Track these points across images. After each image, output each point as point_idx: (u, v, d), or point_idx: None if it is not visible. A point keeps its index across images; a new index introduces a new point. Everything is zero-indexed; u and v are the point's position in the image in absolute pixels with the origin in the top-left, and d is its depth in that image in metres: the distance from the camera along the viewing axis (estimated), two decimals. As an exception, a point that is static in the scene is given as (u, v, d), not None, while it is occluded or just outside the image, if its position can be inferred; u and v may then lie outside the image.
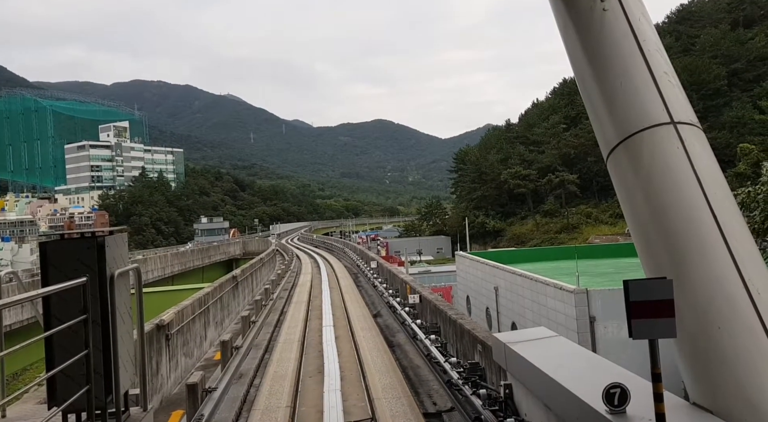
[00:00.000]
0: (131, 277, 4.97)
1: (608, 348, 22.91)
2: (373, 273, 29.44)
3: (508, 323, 32.45)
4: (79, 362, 4.07)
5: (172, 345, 10.38)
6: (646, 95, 4.56)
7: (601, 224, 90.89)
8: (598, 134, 4.97)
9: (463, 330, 9.50)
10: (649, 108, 4.50)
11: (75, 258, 4.34)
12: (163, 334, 9.87)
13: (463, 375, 7.57)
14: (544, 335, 5.96)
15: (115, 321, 4.42)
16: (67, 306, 4.16)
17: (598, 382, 4.26)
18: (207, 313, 13.77)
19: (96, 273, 4.35)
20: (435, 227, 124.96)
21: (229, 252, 71.30)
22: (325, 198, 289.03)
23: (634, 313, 3.38)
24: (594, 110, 4.98)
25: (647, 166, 4.35)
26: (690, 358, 3.97)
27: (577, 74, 5.23)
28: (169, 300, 29.59)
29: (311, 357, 12.71)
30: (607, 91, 4.81)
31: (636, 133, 4.50)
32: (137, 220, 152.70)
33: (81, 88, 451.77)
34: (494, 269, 34.69)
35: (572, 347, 5.70)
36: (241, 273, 20.59)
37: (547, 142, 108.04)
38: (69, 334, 4.08)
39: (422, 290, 15.31)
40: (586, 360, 5.27)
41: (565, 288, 24.75)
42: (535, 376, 5.15)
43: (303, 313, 19.33)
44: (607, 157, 4.82)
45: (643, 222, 4.38)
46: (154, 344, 9.39)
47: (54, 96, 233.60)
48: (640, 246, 4.48)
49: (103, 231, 4.53)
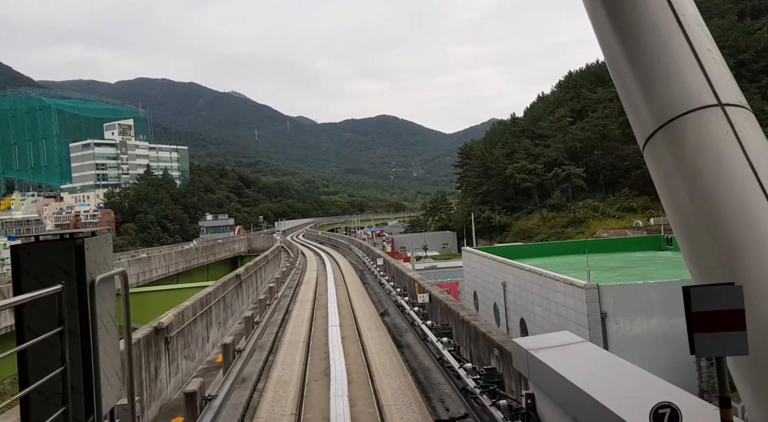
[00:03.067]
0: (117, 282, 4.51)
1: (620, 344, 22.50)
2: (379, 271, 28.94)
3: (516, 319, 32.02)
4: (55, 379, 3.62)
5: (171, 349, 9.94)
6: (689, 75, 4.04)
7: (608, 218, 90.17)
8: (633, 120, 4.44)
9: (477, 333, 9.00)
10: (693, 89, 3.98)
11: (51, 263, 3.87)
12: (161, 338, 9.42)
13: (480, 383, 7.09)
14: (569, 340, 5.47)
15: (96, 331, 3.96)
16: (42, 317, 3.71)
17: (637, 397, 3.78)
18: (209, 314, 13.32)
19: (74, 279, 3.89)
20: (440, 222, 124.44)
21: (234, 249, 70.97)
22: (330, 194, 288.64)
23: (696, 326, 2.83)
24: (628, 94, 4.45)
25: (692, 154, 3.84)
26: (753, 379, 3.38)
27: (608, 55, 4.70)
28: (173, 299, 29.25)
29: (317, 359, 12.25)
30: (643, 72, 4.28)
31: (678, 117, 3.98)
32: (143, 218, 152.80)
33: (86, 86, 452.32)
34: (502, 264, 34.22)
35: (602, 354, 5.22)
36: (245, 272, 20.11)
37: (553, 136, 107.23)
38: (44, 348, 3.64)
39: (432, 289, 14.69)
40: (620, 369, 4.79)
41: (575, 283, 24.27)
42: (563, 387, 4.67)
43: (308, 312, 18.88)
44: (644, 146, 4.30)
45: (688, 217, 3.86)
46: (153, 348, 8.95)
47: (59, 94, 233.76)
48: (686, 244, 3.95)
49: (82, 233, 4.06)
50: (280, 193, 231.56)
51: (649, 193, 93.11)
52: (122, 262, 32.08)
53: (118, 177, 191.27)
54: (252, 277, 22.70)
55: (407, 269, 22.46)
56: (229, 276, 17.78)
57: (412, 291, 16.54)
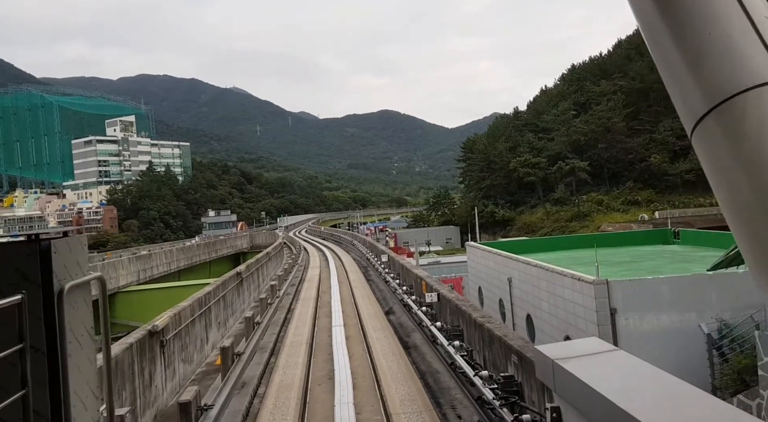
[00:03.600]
0: (94, 290, 4.00)
1: (630, 341, 22.05)
2: (384, 268, 28.29)
3: (522, 315, 31.58)
4: (16, 403, 3.12)
5: (167, 352, 9.44)
6: (746, 48, 3.47)
7: (613, 211, 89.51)
8: (679, 104, 3.87)
9: (492, 337, 8.40)
10: (751, 63, 3.42)
11: (11, 269, 3.36)
12: (156, 341, 8.91)
13: (498, 394, 6.54)
14: (599, 349, 4.94)
15: (65, 347, 3.46)
16: (2, 332, 3.22)
17: (685, 417, 3.26)
18: (208, 314, 12.80)
19: (39, 287, 3.37)
20: (443, 217, 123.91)
21: (236, 245, 70.48)
22: (333, 189, 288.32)
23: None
24: (672, 74, 3.88)
25: (753, 138, 3.28)
26: None
27: (647, 31, 4.13)
28: (175, 297, 28.85)
29: (320, 361, 11.71)
30: (690, 47, 3.71)
31: (734, 96, 3.41)
32: (145, 214, 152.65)
33: (88, 83, 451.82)
34: (507, 260, 33.71)
35: (639, 364, 4.69)
36: (246, 269, 19.56)
37: (557, 129, 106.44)
38: (4, 368, 3.14)
39: (440, 287, 13.99)
40: (661, 382, 4.26)
41: (584, 279, 23.75)
42: (595, 402, 4.14)
43: (311, 311, 18.35)
44: (692, 131, 3.73)
45: (749, 208, 3.32)
46: (147, 353, 8.44)
47: (60, 91, 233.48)
48: (744, 239, 3.41)
49: (48, 234, 3.55)
50: (282, 189, 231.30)
51: (654, 186, 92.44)
52: (122, 260, 31.66)
53: (121, 173, 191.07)
54: (254, 275, 22.18)
55: (413, 266, 21.61)
56: (229, 274, 17.20)
57: (419, 290, 15.87)
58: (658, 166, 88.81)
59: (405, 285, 18.20)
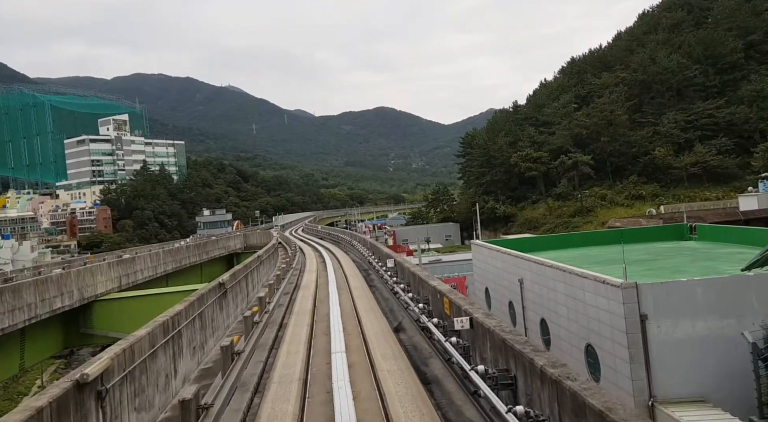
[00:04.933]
0: None
1: (662, 349, 19.87)
2: (391, 275, 25.01)
3: (536, 319, 29.35)
4: None
5: (111, 405, 7.04)
6: None
7: (617, 206, 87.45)
8: None
9: (576, 400, 5.32)
10: None
11: None
12: (89, 395, 6.50)
13: None
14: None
15: None
16: None
17: None
18: (178, 339, 10.36)
19: None
20: (443, 214, 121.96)
21: (229, 246, 67.88)
22: (329, 187, 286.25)
23: None
24: None
25: None
26: None
27: None
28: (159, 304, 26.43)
29: (316, 403, 9.24)
30: None
31: None
32: (140, 214, 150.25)
33: (82, 83, 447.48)
34: (518, 259, 31.45)
35: None
36: (231, 278, 16.99)
37: (558, 123, 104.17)
38: None
39: (472, 309, 10.51)
40: None
41: (609, 281, 21.43)
42: None
43: (306, 329, 15.66)
44: None
45: None
46: (72, 416, 6.03)
47: (53, 91, 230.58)
48: None
49: None
50: (278, 187, 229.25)
51: (658, 180, 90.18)
52: (102, 265, 29.19)
53: (114, 173, 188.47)
54: (241, 282, 19.72)
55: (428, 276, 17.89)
56: (210, 285, 14.59)
57: (438, 307, 12.83)
58: (663, 159, 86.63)
59: (421, 302, 14.65)
